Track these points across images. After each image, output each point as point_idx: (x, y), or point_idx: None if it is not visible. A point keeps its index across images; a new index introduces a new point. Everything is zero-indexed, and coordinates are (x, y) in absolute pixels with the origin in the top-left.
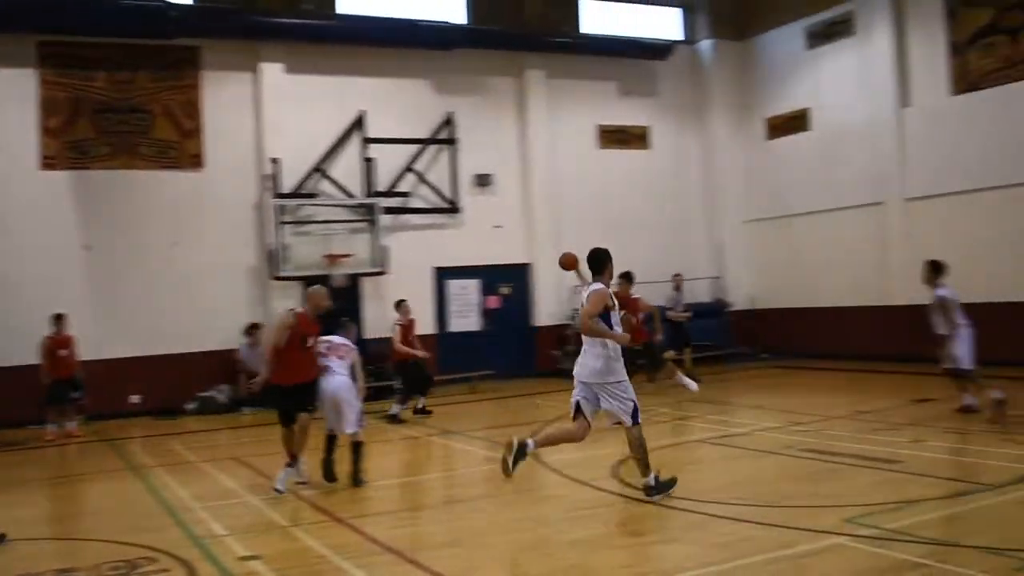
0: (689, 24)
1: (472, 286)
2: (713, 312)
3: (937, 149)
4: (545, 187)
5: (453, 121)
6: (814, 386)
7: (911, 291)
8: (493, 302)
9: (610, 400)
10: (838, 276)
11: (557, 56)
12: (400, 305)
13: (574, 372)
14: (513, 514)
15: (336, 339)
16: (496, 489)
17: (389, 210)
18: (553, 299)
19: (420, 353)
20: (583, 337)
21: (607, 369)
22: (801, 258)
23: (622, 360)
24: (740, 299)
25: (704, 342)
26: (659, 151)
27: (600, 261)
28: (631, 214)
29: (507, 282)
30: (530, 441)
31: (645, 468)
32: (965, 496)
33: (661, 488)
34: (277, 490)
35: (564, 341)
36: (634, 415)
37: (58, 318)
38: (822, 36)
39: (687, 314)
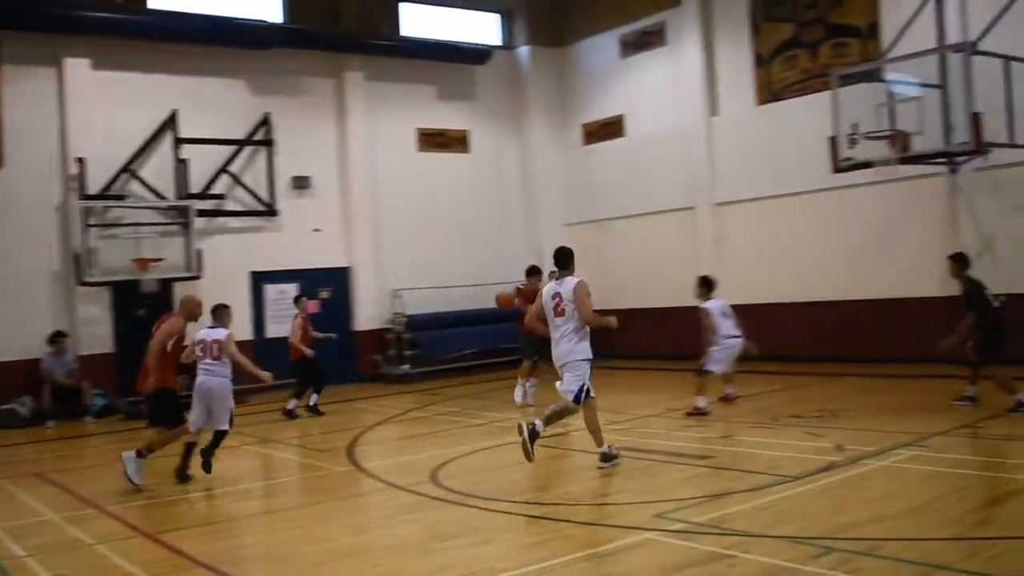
0: (508, 30)
1: (291, 290)
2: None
3: (744, 156)
4: (365, 190)
5: (270, 122)
6: (632, 385)
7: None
8: (312, 306)
9: (567, 376)
10: (653, 278)
11: (376, 58)
12: (299, 301)
13: (555, 360)
14: (330, 523)
15: (207, 334)
16: (314, 498)
17: (203, 212)
18: (374, 303)
19: (308, 351)
20: (554, 324)
21: (579, 349)
22: (618, 261)
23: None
24: None
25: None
26: (479, 155)
27: (566, 257)
28: (452, 217)
29: (327, 286)
30: (537, 422)
31: (598, 441)
32: (769, 488)
33: (608, 458)
34: (133, 482)
35: (386, 345)
36: (577, 396)
37: None
38: (636, 45)
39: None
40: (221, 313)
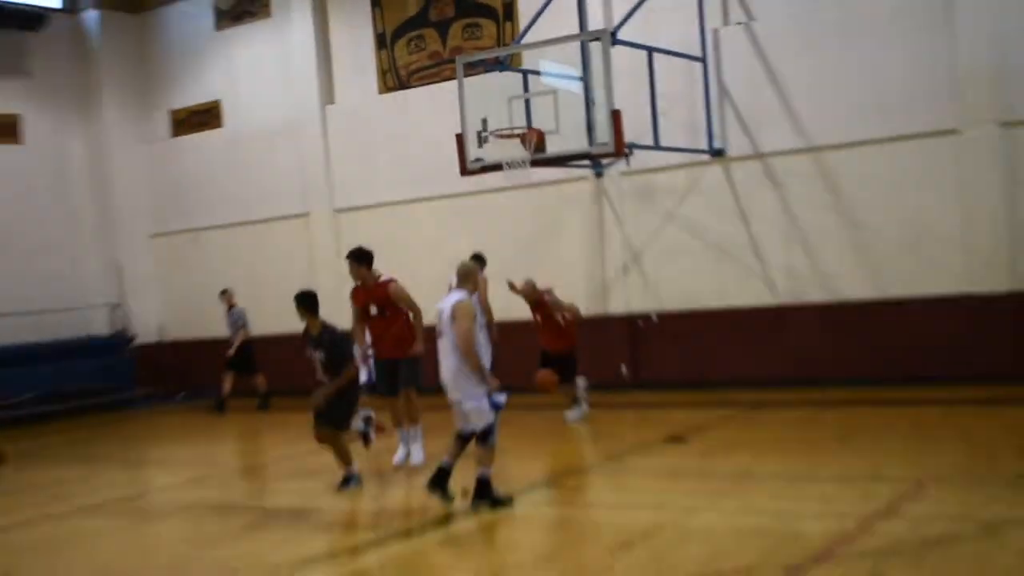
0: None
1: None
2: (111, 348)
3: (367, 153)
4: None
5: None
6: (239, 430)
7: (344, 311)
8: None
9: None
10: (265, 298)
11: None
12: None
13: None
14: None
15: None
16: None
17: None
18: None
19: None
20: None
21: None
22: (217, 279)
23: None
24: (148, 330)
25: (99, 385)
26: (34, 147)
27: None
28: None
29: None
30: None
31: None
32: (378, 545)
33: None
34: None
35: None
36: None
37: None
38: (234, 15)
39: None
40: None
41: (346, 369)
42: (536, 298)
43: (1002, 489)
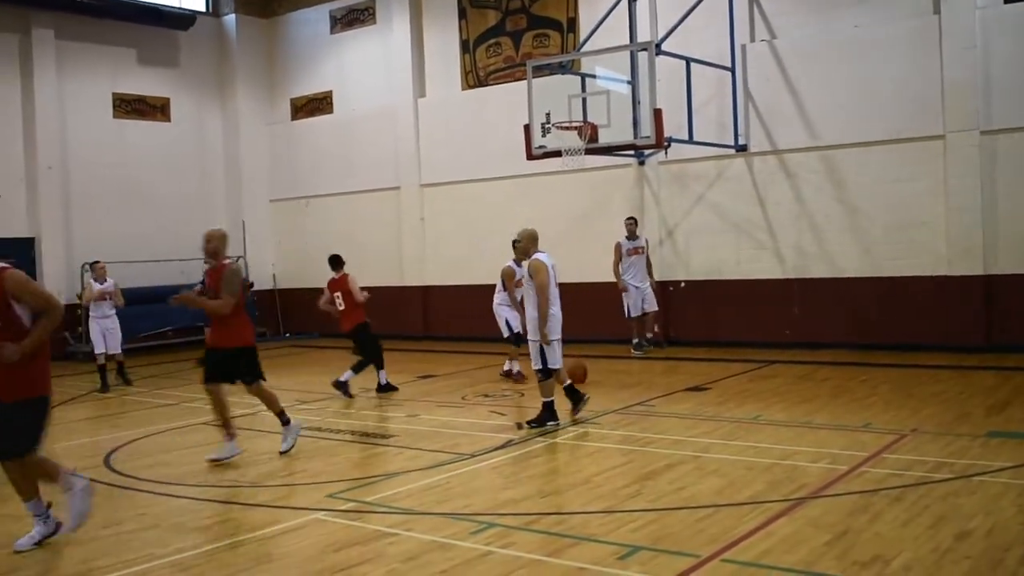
0: None
1: None
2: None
3: (449, 139)
4: (52, 155)
5: None
6: (327, 365)
7: (425, 273)
8: None
9: None
10: (357, 258)
11: (69, 16)
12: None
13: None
14: None
15: None
16: None
17: None
18: (61, 277)
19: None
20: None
21: None
22: (321, 239)
23: None
24: (264, 279)
25: None
26: (181, 125)
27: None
28: (150, 188)
29: (6, 256)
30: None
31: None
32: (445, 466)
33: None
34: None
35: (74, 322)
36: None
37: None
38: (346, 22)
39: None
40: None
41: None
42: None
43: (973, 442)
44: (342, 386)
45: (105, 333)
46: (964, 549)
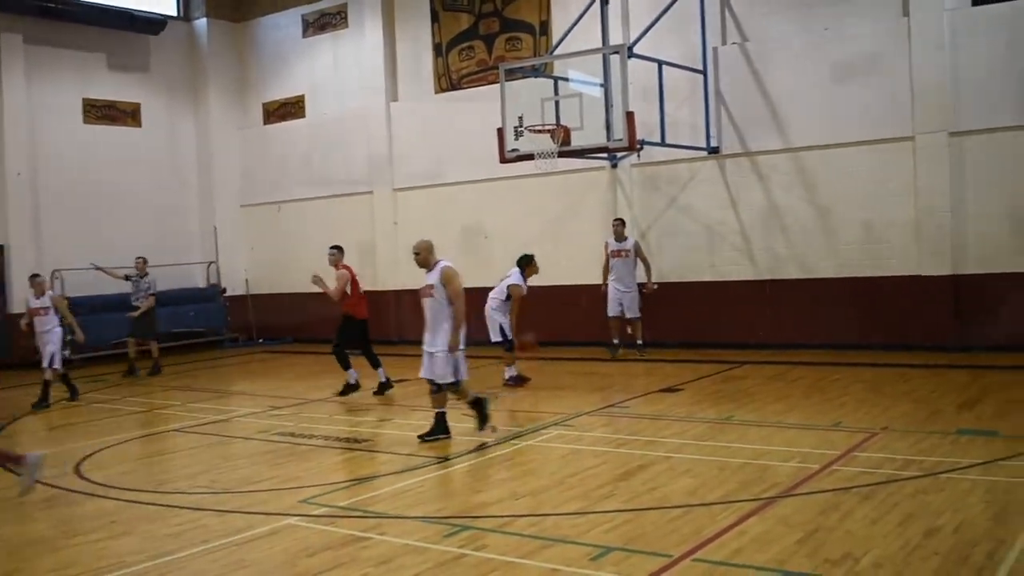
0: (185, 0)
1: None
2: (208, 297)
3: (422, 143)
4: (21, 161)
5: None
6: (300, 370)
7: (399, 276)
8: None
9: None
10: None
11: (38, 21)
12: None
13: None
14: None
15: None
16: None
17: None
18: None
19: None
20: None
21: None
22: (294, 244)
23: None
24: (236, 285)
25: (198, 328)
26: (152, 130)
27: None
28: (121, 194)
29: None
30: None
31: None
32: (418, 470)
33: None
34: None
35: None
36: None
37: None
38: (318, 26)
39: (149, 302)
40: None
41: None
42: None
43: (943, 440)
44: (383, 386)
45: (42, 348)
46: (933, 546)
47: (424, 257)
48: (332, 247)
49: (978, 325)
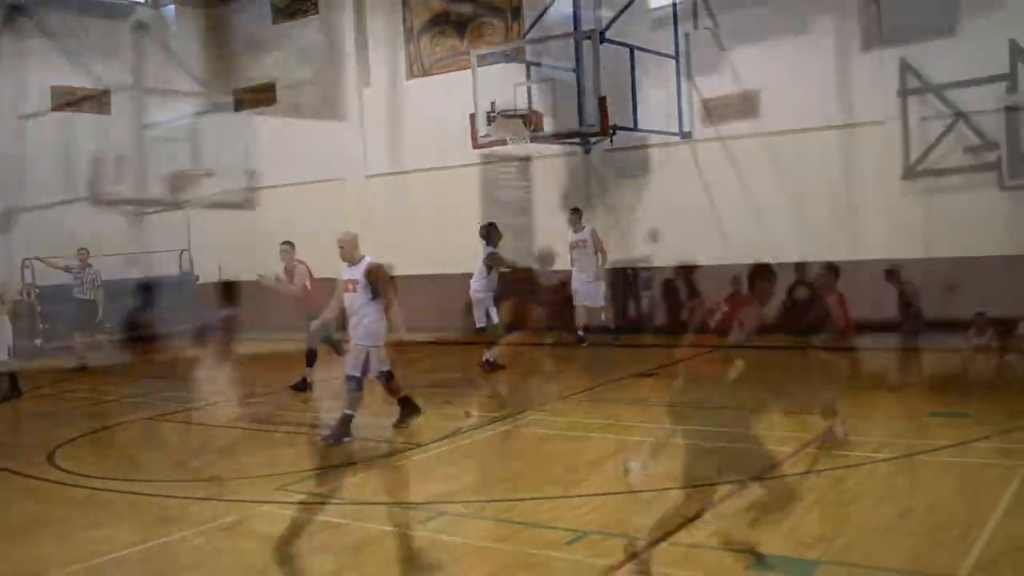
0: None
1: None
2: (179, 286)
3: (394, 130)
4: None
5: None
6: (275, 358)
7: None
8: None
9: None
10: (301, 250)
11: (1, 6)
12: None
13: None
14: None
15: None
16: None
17: None
18: (1, 274)
19: None
20: None
21: None
22: (267, 231)
23: None
24: (210, 272)
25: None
26: (120, 117)
27: None
28: (91, 182)
29: None
30: None
31: None
32: (394, 456)
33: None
34: None
35: (16, 318)
36: None
37: None
38: (288, 12)
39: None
40: None
41: None
42: None
43: (913, 424)
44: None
45: None
46: (906, 527)
47: (348, 251)
48: (284, 242)
49: (950, 309)
